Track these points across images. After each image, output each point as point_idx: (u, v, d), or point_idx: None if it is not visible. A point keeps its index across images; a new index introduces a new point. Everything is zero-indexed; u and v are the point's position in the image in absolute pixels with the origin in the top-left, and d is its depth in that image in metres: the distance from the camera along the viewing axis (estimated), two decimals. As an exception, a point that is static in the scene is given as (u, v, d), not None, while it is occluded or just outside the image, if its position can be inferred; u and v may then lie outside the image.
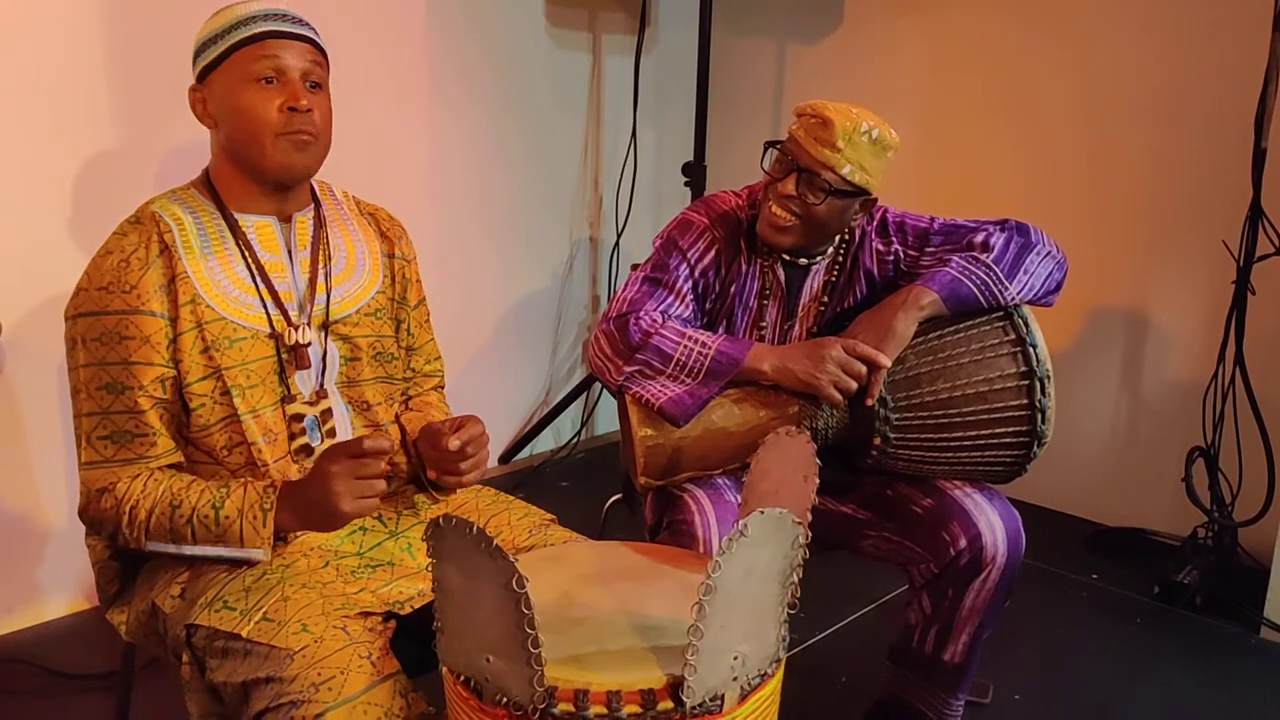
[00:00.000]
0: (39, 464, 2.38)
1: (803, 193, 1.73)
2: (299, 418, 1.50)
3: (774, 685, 1.20)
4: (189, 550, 1.40)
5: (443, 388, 1.80)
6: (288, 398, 1.50)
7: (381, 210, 1.70)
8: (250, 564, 1.41)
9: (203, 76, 1.46)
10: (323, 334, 1.53)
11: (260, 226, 1.50)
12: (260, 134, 1.42)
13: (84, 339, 1.41)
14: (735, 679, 1.12)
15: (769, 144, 1.81)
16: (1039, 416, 1.72)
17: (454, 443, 1.45)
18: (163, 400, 1.42)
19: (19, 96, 2.22)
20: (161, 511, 1.39)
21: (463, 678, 1.14)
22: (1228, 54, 2.71)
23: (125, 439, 1.42)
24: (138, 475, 1.42)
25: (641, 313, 1.79)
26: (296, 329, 1.49)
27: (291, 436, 1.50)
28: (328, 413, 1.53)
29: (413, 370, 1.71)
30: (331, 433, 1.53)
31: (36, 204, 2.28)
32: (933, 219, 1.88)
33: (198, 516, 1.38)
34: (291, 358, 1.49)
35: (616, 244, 3.58)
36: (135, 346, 1.39)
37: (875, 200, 1.81)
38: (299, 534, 1.46)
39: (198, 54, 1.46)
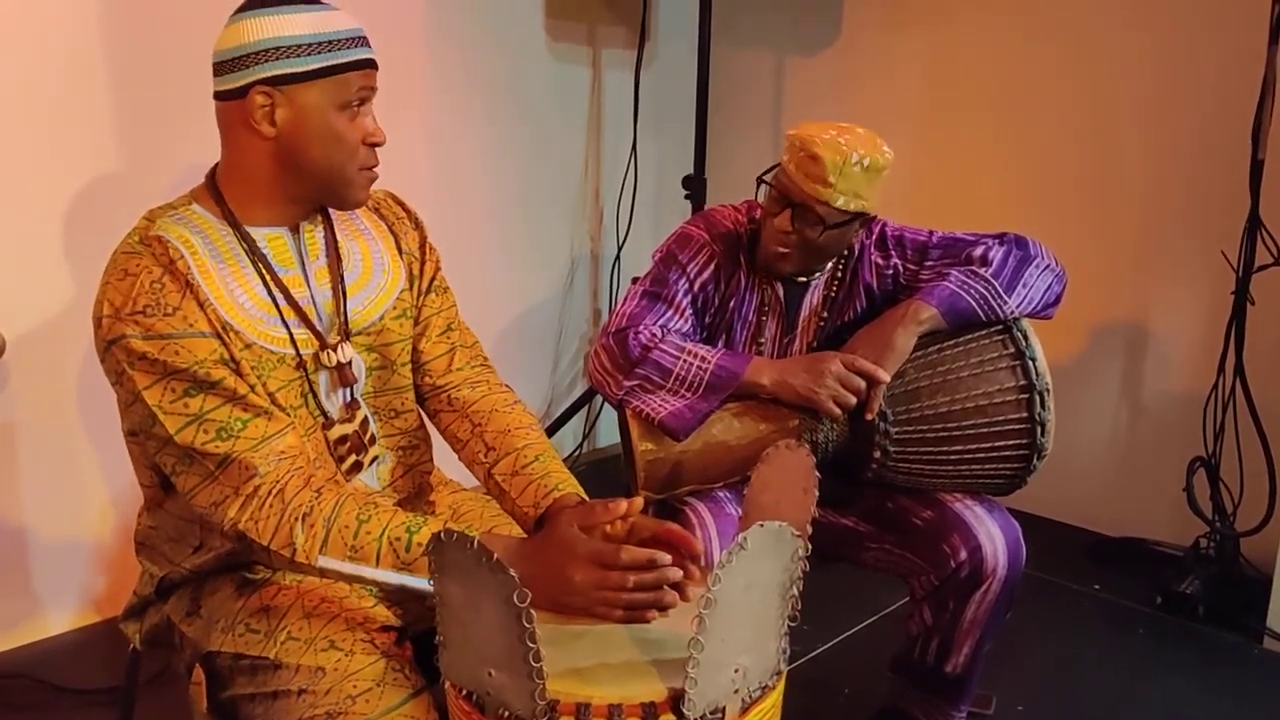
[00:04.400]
0: (42, 479, 2.39)
1: (799, 228, 1.74)
2: (344, 440, 1.42)
3: (775, 698, 1.20)
4: (368, 573, 1.26)
5: (492, 369, 1.64)
6: (326, 423, 1.41)
7: (385, 199, 1.58)
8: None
9: (280, 82, 1.30)
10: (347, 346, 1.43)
11: (273, 239, 1.39)
12: (346, 165, 1.35)
13: (131, 363, 1.26)
14: (736, 691, 1.12)
15: (760, 180, 1.81)
16: (1039, 429, 1.73)
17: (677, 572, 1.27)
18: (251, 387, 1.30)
19: (20, 111, 2.23)
20: (345, 525, 1.26)
21: (465, 691, 1.15)
22: (1226, 64, 2.72)
23: (235, 430, 1.27)
24: (293, 469, 1.29)
25: (641, 327, 1.80)
26: (335, 348, 1.40)
27: (340, 459, 1.42)
28: (364, 423, 1.45)
29: (426, 362, 1.56)
30: (372, 439, 1.47)
31: (38, 218, 2.29)
32: (931, 233, 1.89)
33: (388, 537, 1.25)
34: (335, 376, 1.41)
35: (617, 257, 3.58)
36: (189, 372, 1.27)
37: (874, 217, 1.82)
38: None
39: (272, 55, 1.29)
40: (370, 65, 1.35)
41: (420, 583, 1.24)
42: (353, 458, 1.44)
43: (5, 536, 2.36)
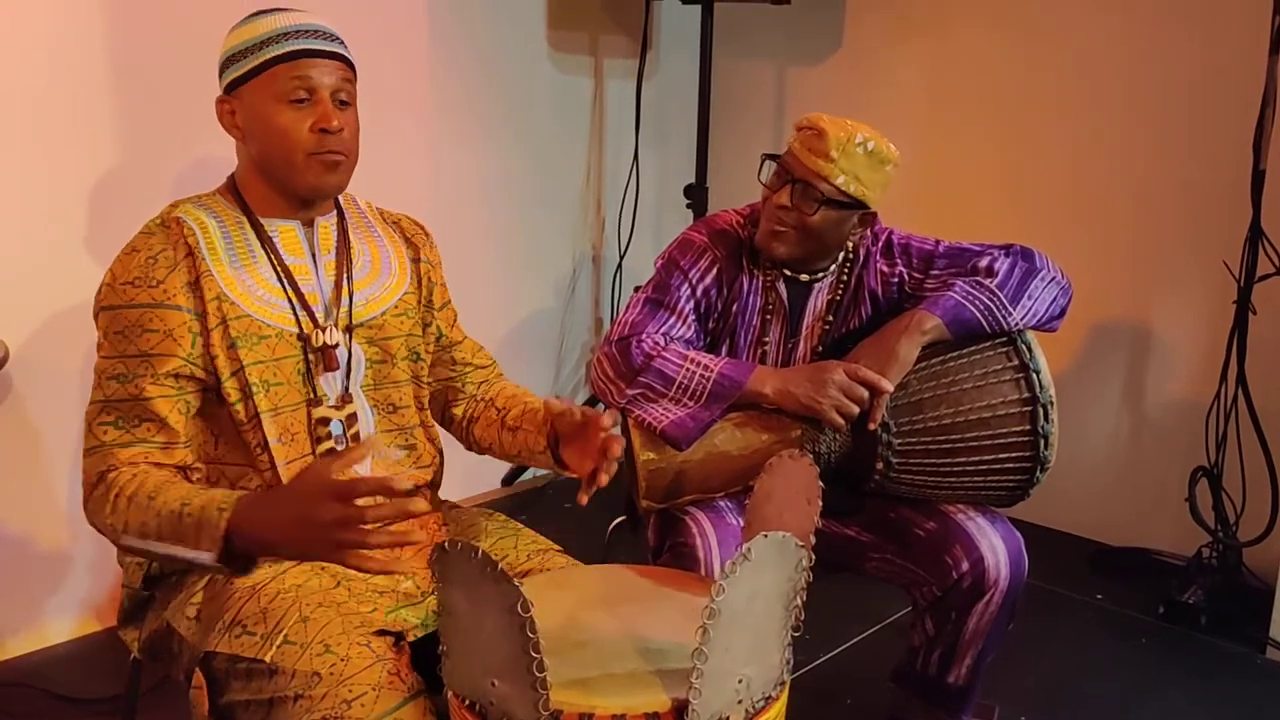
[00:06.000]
0: (45, 486, 2.39)
1: (797, 204, 1.74)
2: (325, 421, 1.50)
3: (779, 708, 1.20)
4: (154, 547, 1.31)
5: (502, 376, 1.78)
6: (314, 400, 1.49)
7: (406, 218, 1.70)
8: (222, 571, 1.30)
9: (232, 88, 1.46)
10: (347, 337, 1.52)
11: (284, 230, 1.51)
12: (292, 154, 1.43)
13: (107, 332, 1.41)
14: (740, 702, 1.12)
15: (766, 156, 1.82)
16: (1042, 442, 1.72)
17: (607, 418, 1.44)
18: (175, 394, 1.40)
19: (22, 111, 2.23)
20: (139, 504, 1.32)
21: (468, 701, 1.15)
22: (1227, 75, 2.73)
23: (128, 423, 1.39)
24: (135, 465, 1.37)
25: (643, 335, 1.80)
26: (324, 330, 1.49)
27: (317, 440, 1.49)
28: (353, 417, 1.53)
29: (459, 364, 1.71)
30: (356, 437, 1.53)
31: (41, 223, 2.30)
32: (938, 242, 1.88)
33: (167, 511, 1.30)
34: (319, 359, 1.49)
35: (619, 266, 3.59)
36: (157, 340, 1.38)
37: (875, 215, 1.82)
38: (270, 561, 1.37)
39: (226, 64, 1.46)
40: (305, 55, 1.42)
41: (189, 553, 1.28)
42: (328, 444, 1.50)
43: (7, 544, 2.36)
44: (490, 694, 1.11)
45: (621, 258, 3.58)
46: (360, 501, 1.18)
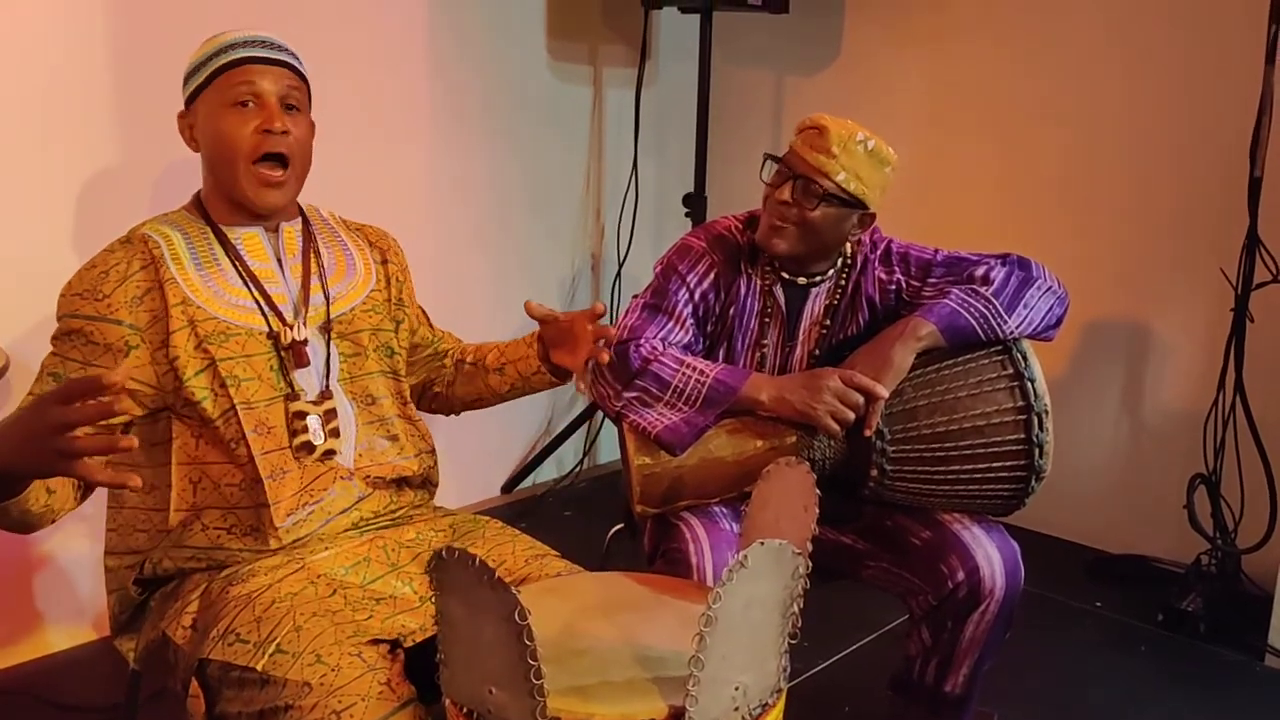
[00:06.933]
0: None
1: (798, 199, 1.75)
2: (302, 415, 1.53)
3: (776, 715, 1.21)
4: None
5: None
6: (291, 395, 1.52)
7: (369, 226, 1.76)
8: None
9: (189, 102, 1.54)
10: (324, 335, 1.58)
11: (247, 237, 1.57)
12: (235, 158, 1.49)
13: (57, 333, 1.48)
14: (736, 709, 1.13)
15: (768, 156, 1.84)
16: (1037, 451, 1.72)
17: (599, 305, 1.66)
18: None
19: (18, 116, 2.24)
20: None
21: (466, 709, 1.15)
22: (1223, 83, 2.74)
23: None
24: None
25: (641, 340, 1.81)
26: (291, 328, 1.54)
27: (294, 434, 1.52)
28: (331, 413, 1.56)
29: (439, 354, 1.82)
30: (335, 432, 1.56)
31: (42, 227, 2.30)
32: (937, 251, 1.89)
33: None
34: (290, 355, 1.53)
35: (618, 275, 3.60)
36: (96, 353, 1.44)
37: (873, 216, 1.82)
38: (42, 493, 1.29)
39: (185, 80, 1.54)
40: (254, 61, 1.49)
41: None
42: (304, 437, 1.52)
43: (7, 552, 2.36)
44: (488, 702, 1.11)
45: (621, 265, 3.59)
46: None
